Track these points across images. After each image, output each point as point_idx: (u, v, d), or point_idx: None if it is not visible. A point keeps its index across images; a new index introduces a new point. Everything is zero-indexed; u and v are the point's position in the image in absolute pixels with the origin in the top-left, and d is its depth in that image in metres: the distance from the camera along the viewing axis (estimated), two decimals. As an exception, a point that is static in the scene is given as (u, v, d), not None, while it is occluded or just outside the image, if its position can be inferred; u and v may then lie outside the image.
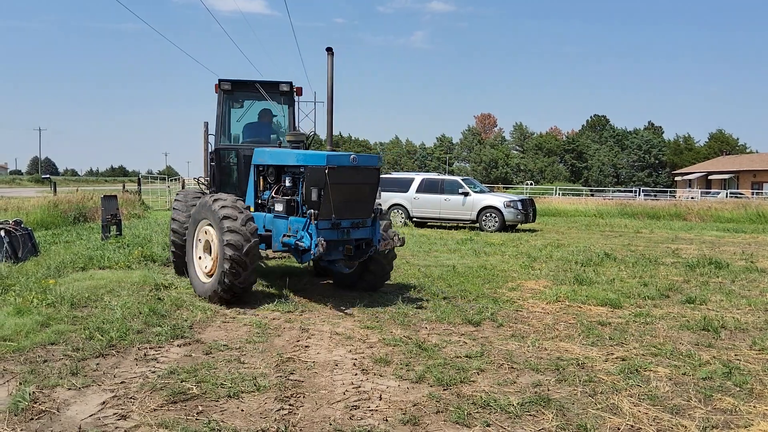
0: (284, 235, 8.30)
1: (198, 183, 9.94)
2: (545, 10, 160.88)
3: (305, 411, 4.55)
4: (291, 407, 4.61)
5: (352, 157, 8.16)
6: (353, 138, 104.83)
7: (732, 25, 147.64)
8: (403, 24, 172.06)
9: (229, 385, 5.00)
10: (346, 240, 8.28)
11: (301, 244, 7.96)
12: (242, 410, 4.54)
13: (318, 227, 7.91)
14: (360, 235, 8.40)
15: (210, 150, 10.06)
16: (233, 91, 10.36)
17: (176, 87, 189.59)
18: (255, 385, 5.02)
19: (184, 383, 5.02)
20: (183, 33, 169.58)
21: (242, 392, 4.87)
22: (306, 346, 6.24)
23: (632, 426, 4.39)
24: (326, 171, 7.91)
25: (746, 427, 4.38)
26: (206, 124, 9.86)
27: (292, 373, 5.38)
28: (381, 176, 10.52)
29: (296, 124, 10.72)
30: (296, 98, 10.71)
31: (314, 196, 8.06)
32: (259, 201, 9.30)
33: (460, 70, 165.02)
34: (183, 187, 37.11)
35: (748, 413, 4.63)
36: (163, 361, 5.64)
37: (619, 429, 4.34)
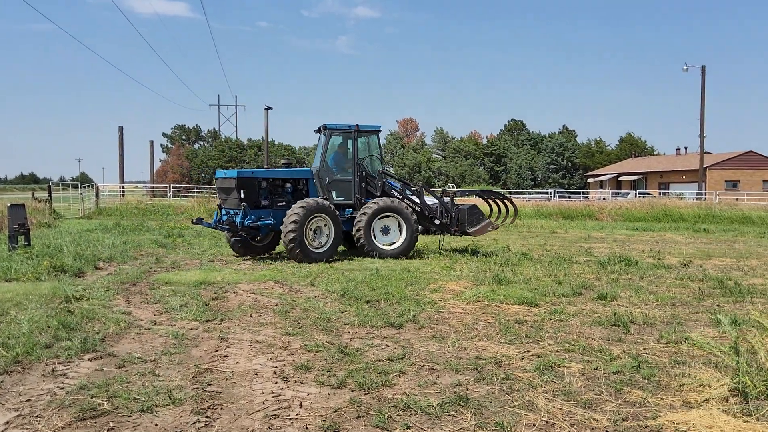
0: None
1: None
2: (468, 17, 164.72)
3: (223, 423, 4.44)
4: (208, 419, 4.49)
5: (223, 173, 14.17)
6: (277, 143, 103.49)
7: (639, 31, 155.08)
8: (328, 28, 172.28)
9: (143, 399, 4.82)
10: (233, 221, 13.45)
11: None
12: (156, 425, 4.39)
13: (221, 213, 14.07)
14: (237, 219, 13.51)
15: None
16: (321, 132, 14.84)
17: (89, 90, 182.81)
18: (170, 398, 4.86)
19: (94, 399, 4.82)
20: (98, 34, 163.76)
21: (156, 406, 4.71)
22: (225, 356, 6.10)
23: (547, 422, 4.51)
24: (215, 180, 14.83)
25: (654, 418, 4.57)
26: (121, 127, 11.64)
27: (209, 385, 5.24)
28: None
29: (356, 152, 14.41)
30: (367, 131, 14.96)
31: (218, 194, 14.53)
32: None
33: (382, 75, 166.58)
34: (97, 195, 35.52)
35: (656, 405, 4.84)
36: (73, 377, 5.40)
37: (534, 425, 4.45)
